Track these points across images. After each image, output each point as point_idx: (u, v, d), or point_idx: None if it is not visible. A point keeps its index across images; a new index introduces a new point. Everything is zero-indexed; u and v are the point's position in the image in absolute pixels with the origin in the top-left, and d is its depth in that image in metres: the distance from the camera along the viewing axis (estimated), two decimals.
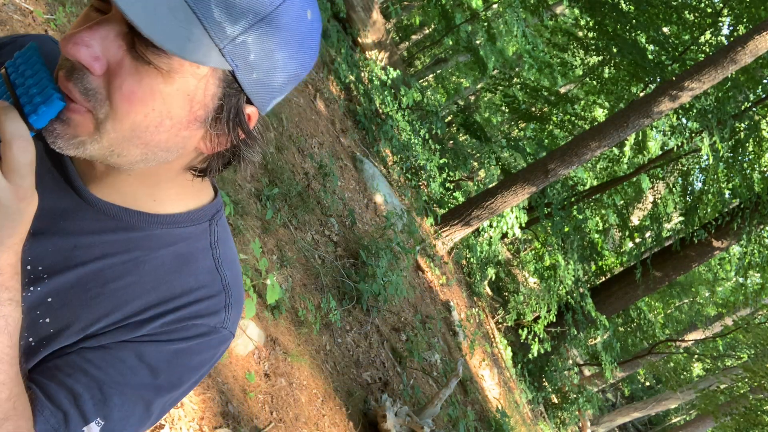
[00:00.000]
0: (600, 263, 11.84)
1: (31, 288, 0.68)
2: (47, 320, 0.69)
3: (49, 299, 0.69)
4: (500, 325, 9.22)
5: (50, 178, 0.71)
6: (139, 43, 0.55)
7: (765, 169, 8.84)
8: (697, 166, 9.70)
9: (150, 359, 0.71)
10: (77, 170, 0.70)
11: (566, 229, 9.32)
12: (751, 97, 8.37)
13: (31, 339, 0.68)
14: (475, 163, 10.31)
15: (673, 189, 9.72)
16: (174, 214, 0.74)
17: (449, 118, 11.23)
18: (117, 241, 0.71)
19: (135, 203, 0.71)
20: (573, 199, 9.47)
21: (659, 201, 10.12)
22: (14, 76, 0.59)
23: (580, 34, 9.58)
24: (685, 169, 9.51)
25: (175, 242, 0.74)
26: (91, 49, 0.55)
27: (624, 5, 8.11)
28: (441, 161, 8.25)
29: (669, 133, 8.97)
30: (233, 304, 0.77)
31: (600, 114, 11.52)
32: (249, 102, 0.64)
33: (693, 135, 8.06)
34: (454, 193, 9.30)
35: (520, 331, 8.88)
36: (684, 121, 8.54)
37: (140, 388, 0.70)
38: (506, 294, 10.69)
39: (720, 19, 8.02)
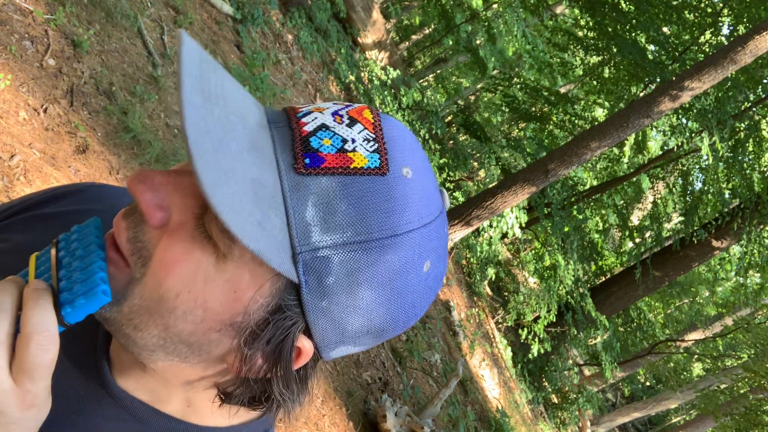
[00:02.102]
0: (600, 263, 11.84)
1: None
2: None
3: None
4: (500, 325, 9.22)
5: (75, 354, 0.57)
6: (210, 212, 0.46)
7: (765, 169, 8.84)
8: (697, 166, 9.70)
9: None
10: (107, 356, 0.57)
11: (566, 229, 9.32)
12: (751, 97, 8.37)
13: None
14: (475, 163, 10.31)
15: (673, 189, 9.72)
16: (215, 428, 0.58)
17: (449, 118, 11.23)
18: None
19: (167, 405, 0.56)
20: (573, 199, 9.47)
21: (659, 201, 10.12)
22: (64, 253, 0.49)
23: (580, 34, 9.58)
24: (685, 169, 9.51)
25: None
26: (157, 195, 0.46)
27: (624, 5, 8.11)
28: (441, 161, 8.25)
29: (669, 133, 8.96)
30: None
31: (600, 114, 11.53)
32: (308, 333, 0.50)
33: (693, 135, 8.06)
34: (454, 193, 9.30)
35: (520, 331, 8.88)
36: (684, 121, 8.54)
37: None
38: (506, 294, 10.69)
39: (720, 19, 8.02)
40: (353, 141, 0.47)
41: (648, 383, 19.39)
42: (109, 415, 0.56)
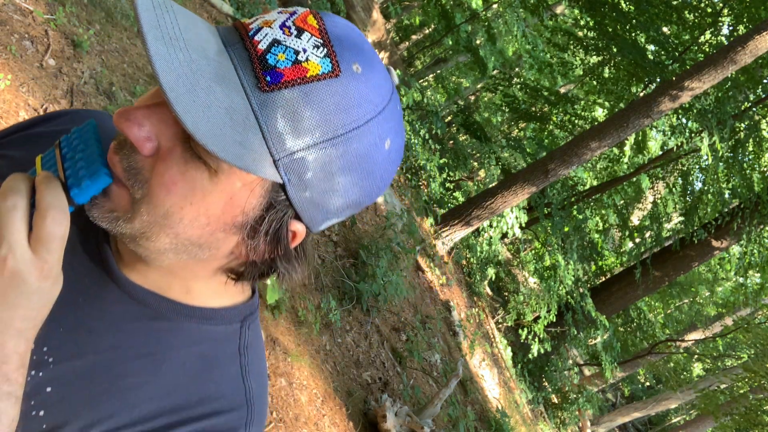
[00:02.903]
0: (600, 263, 11.84)
1: (32, 372, 0.59)
2: (41, 413, 0.59)
3: (48, 389, 0.60)
4: (500, 325, 9.22)
5: (80, 249, 0.65)
6: None
7: (765, 169, 8.84)
8: (697, 166, 9.70)
9: None
10: (112, 251, 0.65)
11: (566, 229, 9.32)
12: (751, 97, 8.38)
13: None
14: (475, 163, 10.31)
15: (673, 189, 9.72)
16: (207, 308, 0.67)
17: (449, 118, 11.23)
18: (138, 331, 0.64)
19: (167, 291, 0.65)
20: (573, 199, 9.47)
21: (659, 201, 10.13)
22: (66, 149, 0.56)
23: (580, 34, 9.58)
24: (685, 169, 9.51)
25: (202, 341, 0.67)
26: (143, 129, 0.52)
27: (624, 5, 8.11)
28: (441, 161, 8.25)
29: (669, 133, 8.97)
30: (254, 421, 0.68)
31: (600, 114, 11.53)
32: (298, 218, 0.59)
33: (693, 135, 8.06)
34: (454, 193, 9.30)
35: (520, 331, 8.88)
36: (684, 121, 8.54)
37: None
38: (506, 294, 10.69)
39: (720, 19, 8.02)
40: (304, 51, 0.52)
41: (648, 383, 19.39)
42: (113, 299, 0.63)
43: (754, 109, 8.07)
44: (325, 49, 0.53)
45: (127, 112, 0.52)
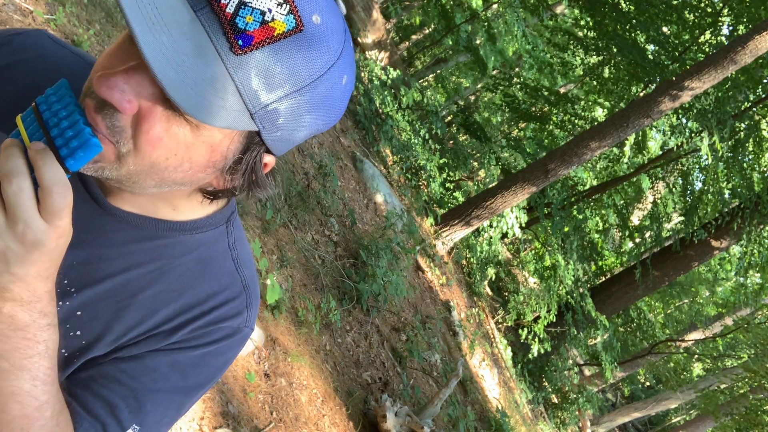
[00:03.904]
0: (600, 263, 11.84)
1: (60, 303, 0.67)
2: (78, 333, 0.70)
3: (79, 312, 0.70)
4: (500, 325, 9.22)
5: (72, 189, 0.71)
6: None
7: (765, 169, 8.84)
8: (697, 166, 9.70)
9: (181, 365, 0.74)
10: (97, 183, 0.71)
11: (566, 229, 9.32)
12: (751, 97, 8.37)
13: (64, 351, 0.69)
14: (475, 163, 10.32)
15: (673, 189, 9.71)
16: (194, 220, 0.75)
17: (449, 118, 11.23)
18: (141, 251, 0.73)
19: (156, 213, 0.72)
20: (573, 199, 9.47)
21: (659, 201, 10.12)
22: (48, 114, 0.58)
23: (580, 34, 9.58)
24: (685, 169, 9.51)
25: (197, 247, 0.76)
26: (125, 93, 0.55)
27: (624, 5, 8.11)
28: (441, 161, 8.25)
29: (669, 133, 8.97)
30: (252, 302, 0.81)
31: (600, 114, 11.52)
32: (268, 151, 0.66)
33: (693, 135, 8.06)
34: (454, 193, 9.30)
35: (520, 331, 8.88)
36: (684, 121, 8.54)
37: (172, 393, 0.74)
38: (506, 294, 10.69)
39: (720, 19, 8.02)
40: (270, 11, 0.55)
41: (648, 383, 19.39)
42: (112, 228, 0.71)
43: (754, 109, 8.07)
44: (288, 6, 0.56)
45: (107, 79, 0.55)
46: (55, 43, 0.80)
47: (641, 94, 8.58)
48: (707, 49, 8.07)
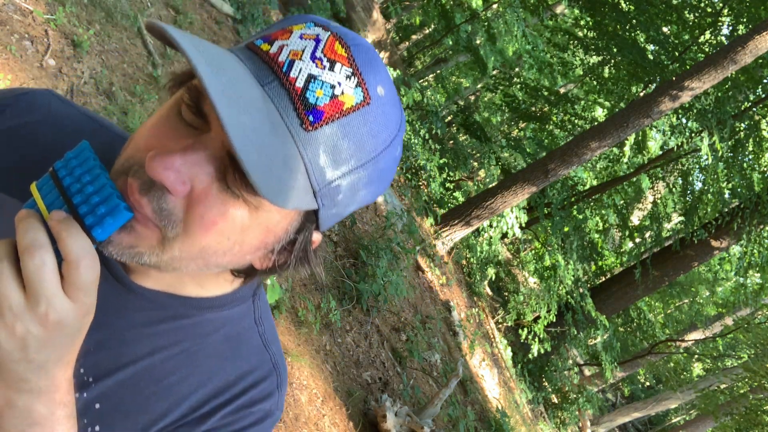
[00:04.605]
0: (600, 263, 11.84)
1: (75, 394, 0.60)
2: (97, 428, 0.63)
3: (97, 405, 0.63)
4: (500, 325, 9.21)
5: None
6: (232, 173, 0.52)
7: (765, 169, 8.83)
8: (697, 166, 9.69)
9: None
10: (118, 261, 0.65)
11: (566, 229, 9.31)
12: (751, 97, 8.37)
13: None
14: (475, 163, 10.31)
15: (673, 189, 9.71)
16: (221, 296, 0.70)
17: (449, 118, 11.23)
18: (167, 332, 0.67)
19: (182, 290, 0.67)
20: (573, 199, 9.47)
21: (659, 201, 10.12)
22: (69, 180, 0.53)
23: (580, 34, 9.58)
24: (685, 169, 9.51)
25: (224, 325, 0.72)
26: (179, 174, 0.50)
27: (624, 5, 8.11)
28: (441, 161, 8.24)
29: (669, 133, 8.96)
30: (282, 381, 0.77)
31: (600, 114, 11.52)
32: (317, 227, 0.62)
33: (693, 135, 8.06)
34: (454, 193, 9.30)
35: (520, 331, 8.88)
36: (684, 121, 8.54)
37: None
38: (506, 294, 10.69)
39: (720, 19, 8.02)
40: (339, 84, 0.53)
41: (648, 383, 19.39)
42: (134, 307, 0.65)
43: (754, 109, 8.07)
44: (356, 79, 0.54)
45: (162, 160, 0.50)
46: (63, 103, 0.74)
47: (641, 94, 8.58)
48: (707, 49, 8.07)
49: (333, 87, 0.53)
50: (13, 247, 0.50)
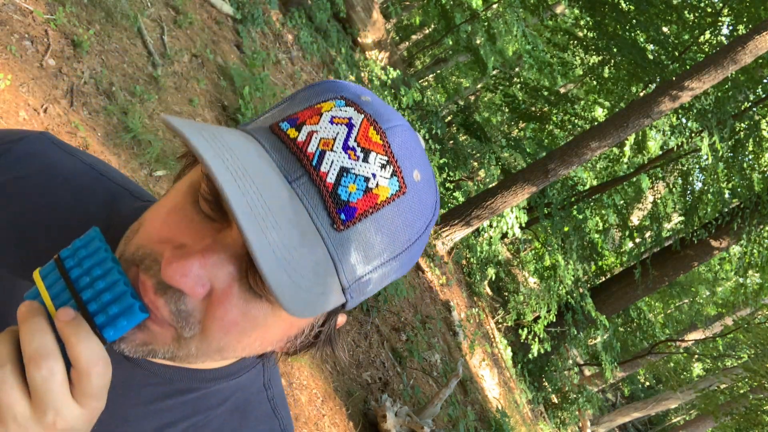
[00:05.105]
0: (600, 263, 11.83)
1: None
2: None
3: None
4: (500, 325, 9.21)
5: None
6: (254, 274, 0.48)
7: (765, 169, 8.83)
8: (697, 166, 9.70)
9: None
10: None
11: (566, 229, 9.31)
12: (751, 97, 8.38)
13: None
14: (475, 163, 10.31)
15: (673, 189, 9.71)
16: (230, 365, 0.66)
17: (449, 118, 11.23)
18: (173, 408, 0.63)
19: (186, 364, 0.62)
20: (573, 199, 9.47)
21: (659, 201, 10.12)
22: (77, 271, 0.48)
23: (580, 33, 9.58)
24: (685, 169, 9.51)
25: (233, 394, 0.68)
26: (198, 278, 0.46)
27: (624, 5, 8.11)
28: (441, 161, 8.24)
29: (669, 133, 8.97)
30: None
31: (600, 114, 11.52)
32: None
33: (693, 135, 8.06)
34: (454, 193, 9.30)
35: (520, 331, 8.88)
36: (684, 121, 8.55)
37: None
38: (506, 294, 10.69)
39: (720, 19, 8.02)
40: (374, 176, 0.48)
41: (648, 383, 19.39)
42: (139, 383, 0.61)
43: (754, 109, 8.07)
44: (392, 168, 0.50)
45: (180, 266, 0.46)
46: (61, 151, 0.68)
47: (641, 94, 8.58)
48: (707, 49, 8.07)
49: (367, 180, 0.48)
50: (16, 347, 0.46)
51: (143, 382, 0.61)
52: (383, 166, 0.49)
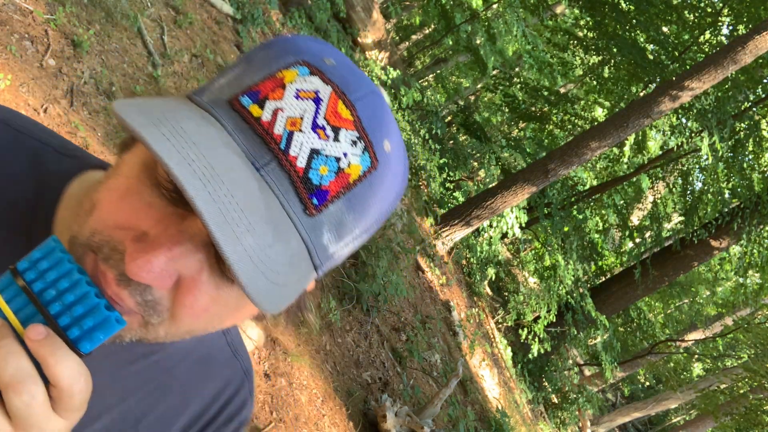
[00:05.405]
0: (600, 263, 11.84)
1: None
2: None
3: None
4: (500, 325, 9.21)
5: None
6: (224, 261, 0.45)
7: (765, 169, 8.84)
8: (697, 166, 9.70)
9: None
10: None
11: (566, 229, 9.32)
12: (751, 97, 8.38)
13: None
14: (475, 163, 10.31)
15: (673, 189, 9.72)
16: None
17: (449, 118, 11.23)
18: (138, 372, 0.62)
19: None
20: (573, 199, 9.47)
21: (659, 201, 10.13)
22: (40, 284, 0.45)
23: (580, 34, 9.58)
24: (685, 169, 9.52)
25: (195, 346, 0.67)
26: (164, 273, 0.44)
27: (624, 5, 8.11)
28: (441, 161, 8.24)
29: (669, 133, 8.97)
30: (251, 382, 0.75)
31: (600, 114, 11.53)
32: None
33: (693, 135, 8.07)
34: (454, 193, 9.30)
35: (520, 331, 8.88)
36: (684, 121, 8.55)
37: None
38: (506, 294, 10.69)
39: (720, 19, 8.02)
40: (345, 155, 0.46)
41: (648, 383, 19.39)
42: (101, 353, 0.56)
43: (754, 109, 8.07)
44: (363, 144, 0.47)
45: (145, 261, 0.43)
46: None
47: (641, 94, 8.58)
48: (707, 49, 8.08)
49: (338, 160, 0.46)
50: None
51: (105, 352, 0.57)
52: (354, 143, 0.46)
